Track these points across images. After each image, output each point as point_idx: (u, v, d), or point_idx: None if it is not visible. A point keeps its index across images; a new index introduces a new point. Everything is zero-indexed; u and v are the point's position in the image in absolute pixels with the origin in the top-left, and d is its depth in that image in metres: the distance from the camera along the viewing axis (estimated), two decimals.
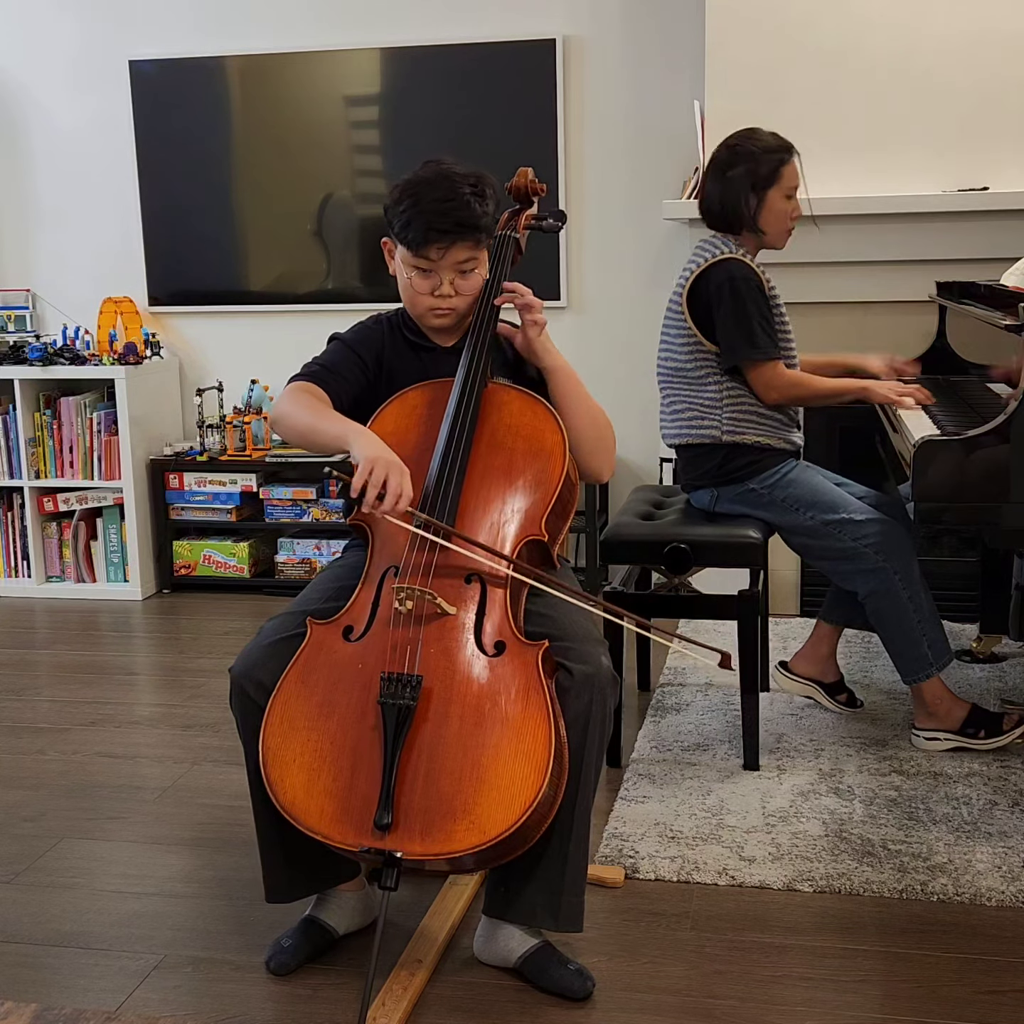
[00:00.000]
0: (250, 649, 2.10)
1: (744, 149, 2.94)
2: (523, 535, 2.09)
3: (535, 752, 1.90)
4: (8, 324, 4.89)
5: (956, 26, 3.78)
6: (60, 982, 2.13)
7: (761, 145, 2.94)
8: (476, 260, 2.19)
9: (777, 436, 3.00)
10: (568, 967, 2.06)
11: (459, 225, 2.13)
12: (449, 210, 2.12)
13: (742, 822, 2.64)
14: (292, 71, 4.55)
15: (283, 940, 2.18)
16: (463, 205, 2.12)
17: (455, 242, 2.14)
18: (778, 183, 2.93)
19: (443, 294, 2.19)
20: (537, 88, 4.39)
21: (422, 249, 2.15)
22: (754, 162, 2.92)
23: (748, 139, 2.96)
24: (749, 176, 2.92)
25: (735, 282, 2.88)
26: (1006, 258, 3.43)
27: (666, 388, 3.08)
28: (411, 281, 2.20)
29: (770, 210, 2.94)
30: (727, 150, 2.97)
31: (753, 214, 2.94)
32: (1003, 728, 2.93)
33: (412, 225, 2.14)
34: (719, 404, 2.97)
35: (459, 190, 2.13)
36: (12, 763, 3.08)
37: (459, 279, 2.19)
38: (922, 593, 2.88)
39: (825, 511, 2.91)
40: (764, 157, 2.92)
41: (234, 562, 4.65)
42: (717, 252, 2.93)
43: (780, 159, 2.93)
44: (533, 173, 2.44)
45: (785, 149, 2.95)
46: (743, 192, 2.93)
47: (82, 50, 4.74)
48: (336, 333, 2.34)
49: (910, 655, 2.90)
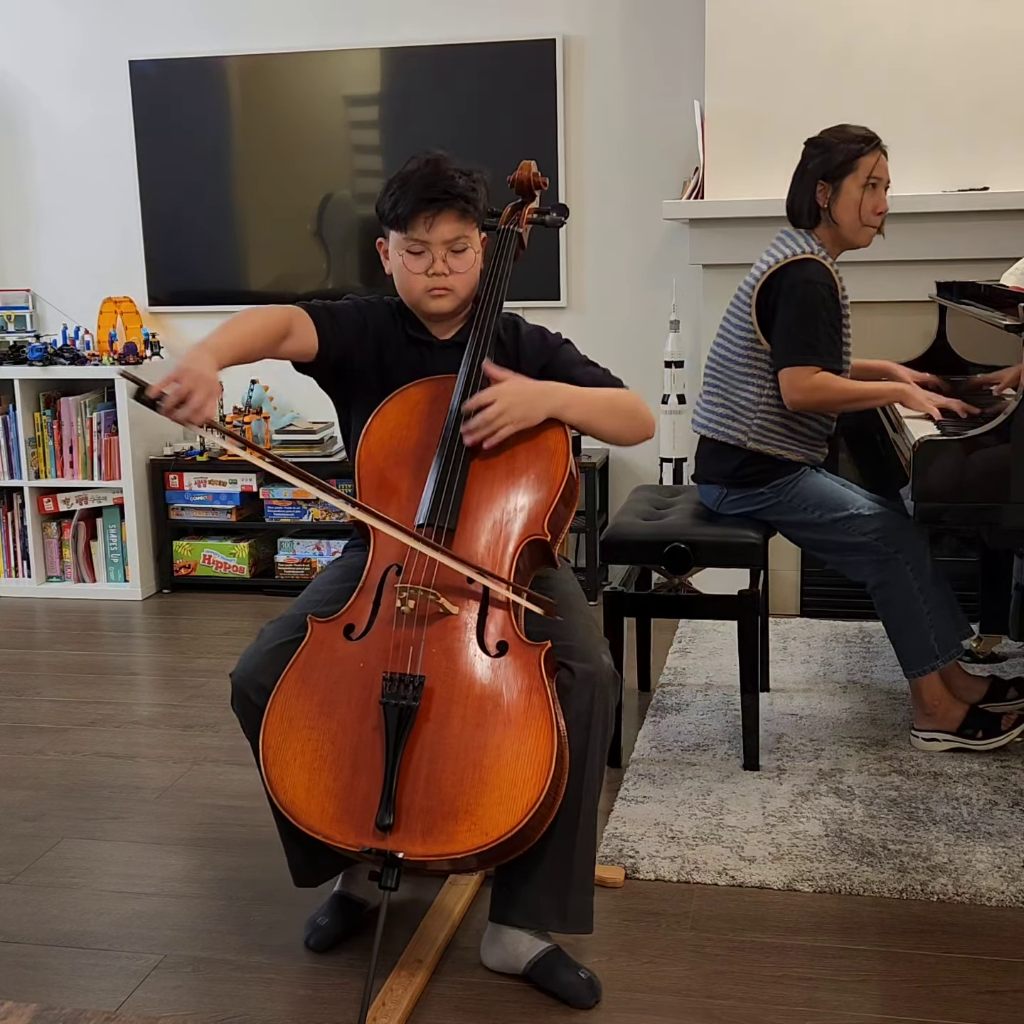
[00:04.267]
0: (251, 654, 2.10)
1: (821, 140, 2.93)
2: (525, 535, 2.09)
3: (537, 753, 1.90)
4: (8, 324, 4.89)
5: (956, 26, 3.78)
6: (60, 982, 2.12)
7: (840, 136, 2.92)
8: (467, 238, 2.18)
9: (799, 452, 2.98)
10: (579, 974, 2.04)
11: (445, 193, 2.13)
12: (435, 182, 2.14)
13: (742, 822, 2.64)
14: (292, 71, 4.55)
15: (318, 919, 2.23)
16: (449, 179, 2.15)
17: (441, 210, 2.14)
18: (854, 172, 2.88)
19: (437, 272, 2.17)
20: (537, 88, 4.39)
21: (411, 222, 2.15)
22: (830, 151, 2.89)
23: (829, 131, 2.94)
24: (823, 165, 2.89)
25: (812, 285, 2.83)
26: (1006, 258, 3.43)
27: (709, 377, 3.05)
28: (404, 263, 2.19)
29: (845, 200, 2.89)
30: (808, 144, 2.95)
31: (828, 205, 2.90)
32: (1001, 728, 2.93)
33: (399, 202, 2.15)
34: (753, 408, 2.95)
35: (445, 169, 2.16)
36: (12, 763, 3.08)
37: (451, 257, 2.17)
38: (932, 584, 2.86)
39: (834, 509, 2.91)
40: (840, 146, 2.89)
41: (234, 562, 4.65)
42: (797, 250, 2.88)
43: (858, 149, 2.88)
44: (536, 166, 2.43)
45: (865, 140, 2.90)
46: (818, 181, 2.90)
47: (82, 50, 4.74)
48: (350, 295, 2.33)
49: (915, 647, 2.89)
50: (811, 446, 3.01)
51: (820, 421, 3.01)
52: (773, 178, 3.86)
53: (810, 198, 2.92)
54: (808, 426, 2.98)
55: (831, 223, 2.92)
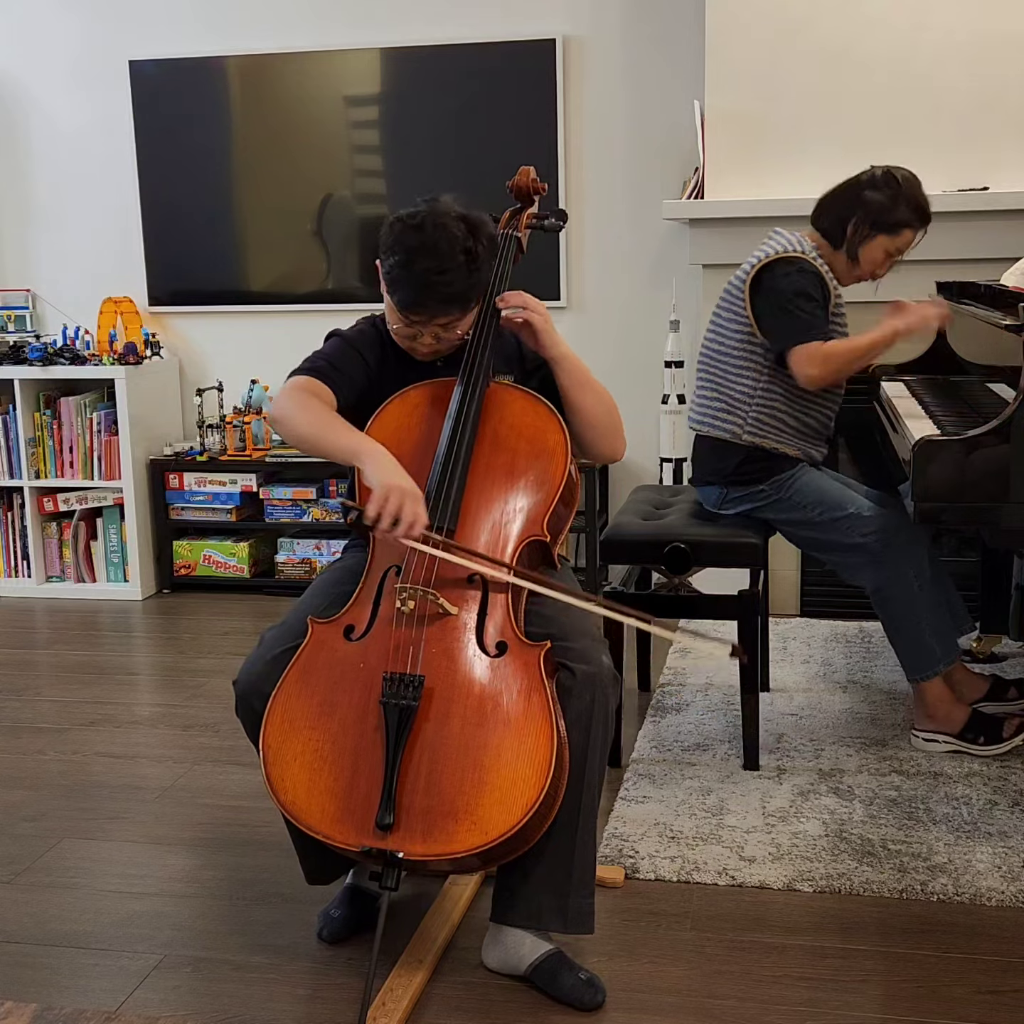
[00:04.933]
0: (253, 662, 2.09)
1: (896, 187, 2.89)
2: (525, 535, 2.09)
3: (536, 753, 1.90)
4: (8, 324, 4.89)
5: (956, 26, 3.78)
6: (60, 982, 2.12)
7: (909, 194, 2.89)
8: (461, 321, 2.18)
9: (796, 447, 2.98)
10: (579, 976, 2.04)
11: (442, 303, 2.12)
12: (435, 284, 2.09)
13: (742, 822, 2.64)
14: (292, 71, 4.55)
15: (331, 911, 2.24)
16: (453, 280, 2.09)
17: (439, 316, 2.14)
18: (893, 236, 2.90)
19: (424, 344, 2.20)
20: (537, 88, 4.39)
21: (404, 313, 2.15)
22: (893, 203, 2.88)
23: (906, 181, 2.91)
24: (878, 211, 2.88)
25: (803, 274, 2.85)
26: (1006, 258, 3.43)
27: (703, 372, 3.06)
28: (393, 324, 2.21)
29: (870, 251, 2.91)
30: (884, 174, 2.92)
31: (854, 240, 2.91)
32: (1003, 736, 2.92)
33: (399, 288, 2.12)
34: (749, 400, 2.96)
35: (453, 259, 2.08)
36: (12, 763, 3.08)
37: (442, 332, 2.18)
38: (930, 587, 2.87)
39: (833, 508, 2.92)
40: (903, 207, 2.88)
41: (234, 562, 4.65)
42: (788, 247, 2.89)
43: (914, 219, 2.90)
44: (535, 172, 2.44)
45: (921, 217, 2.91)
46: (860, 219, 2.89)
47: (82, 50, 4.74)
48: (336, 330, 2.33)
49: (916, 651, 2.89)
50: (808, 442, 3.01)
51: (818, 418, 3.01)
52: (773, 178, 3.87)
53: (844, 220, 2.91)
54: (804, 422, 2.98)
55: (844, 255, 2.93)
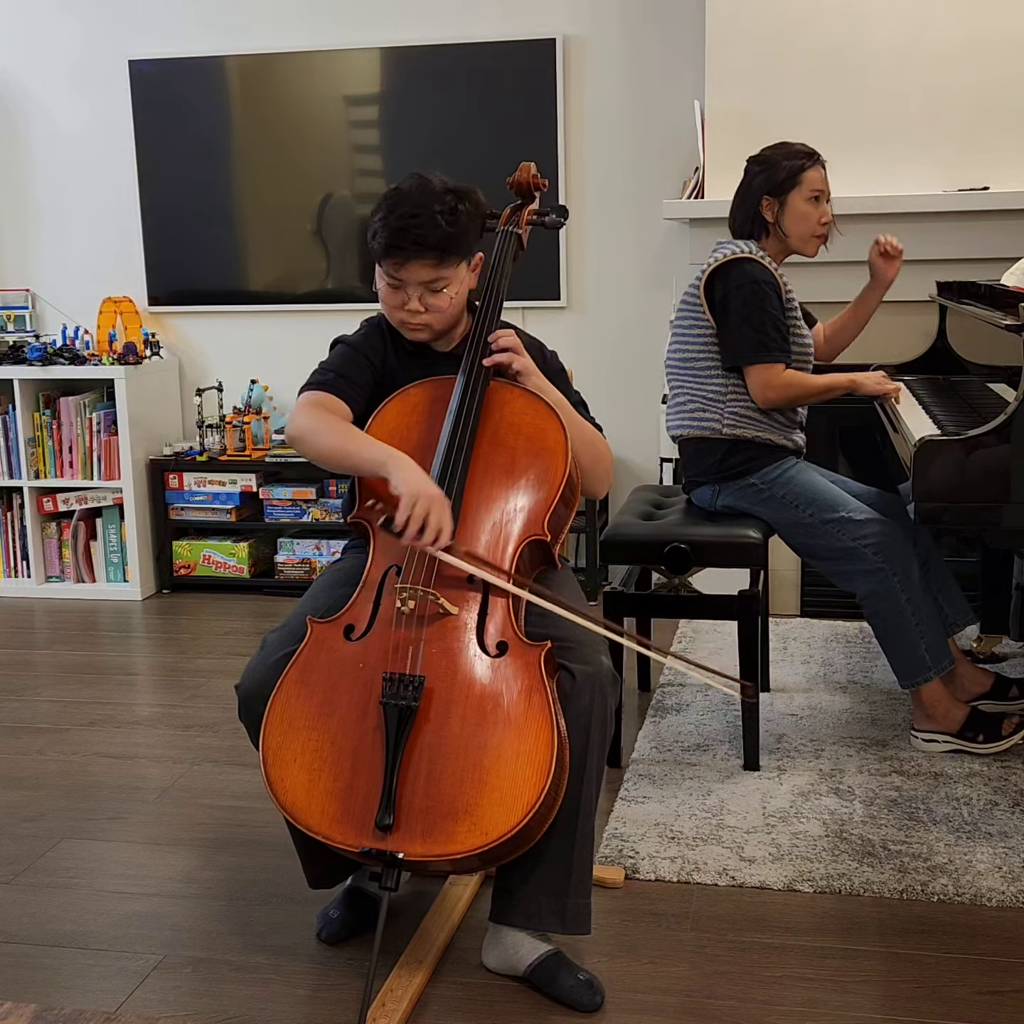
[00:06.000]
0: (255, 666, 2.09)
1: (765, 158, 3.04)
2: (525, 535, 2.09)
3: (537, 753, 1.89)
4: (8, 324, 4.89)
5: (956, 26, 3.78)
6: (60, 982, 2.12)
7: (782, 152, 3.02)
8: (445, 279, 2.16)
9: (778, 434, 3.01)
10: (578, 977, 2.04)
11: (416, 244, 2.10)
12: (410, 227, 2.09)
13: (742, 822, 2.64)
14: (292, 71, 4.55)
15: (330, 911, 2.24)
16: (425, 223, 2.09)
17: (410, 260, 2.12)
18: (799, 187, 2.99)
19: (411, 310, 2.18)
20: (537, 88, 4.39)
21: (384, 260, 2.15)
22: (773, 168, 3.00)
23: (771, 149, 3.05)
24: (768, 182, 3.00)
25: (754, 284, 2.91)
26: (1006, 258, 3.43)
27: (673, 380, 3.10)
28: (383, 292, 2.20)
29: (792, 213, 2.99)
30: (751, 162, 3.06)
31: (776, 219, 3.00)
32: (1002, 733, 2.92)
33: (376, 237, 2.14)
34: (722, 397, 2.99)
35: (428, 207, 2.10)
36: (12, 763, 3.08)
37: (428, 296, 2.17)
38: (921, 595, 2.87)
39: (824, 509, 2.92)
40: (784, 163, 3.00)
41: (234, 562, 4.64)
42: (736, 250, 2.96)
43: (800, 165, 2.99)
44: (535, 168, 2.43)
45: (807, 155, 3.02)
46: (763, 196, 3.00)
47: (82, 50, 4.74)
48: (341, 337, 2.33)
49: (907, 658, 2.90)
50: (784, 431, 3.03)
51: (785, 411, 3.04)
52: None
53: (755, 213, 3.01)
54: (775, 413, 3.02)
55: (780, 235, 3.02)
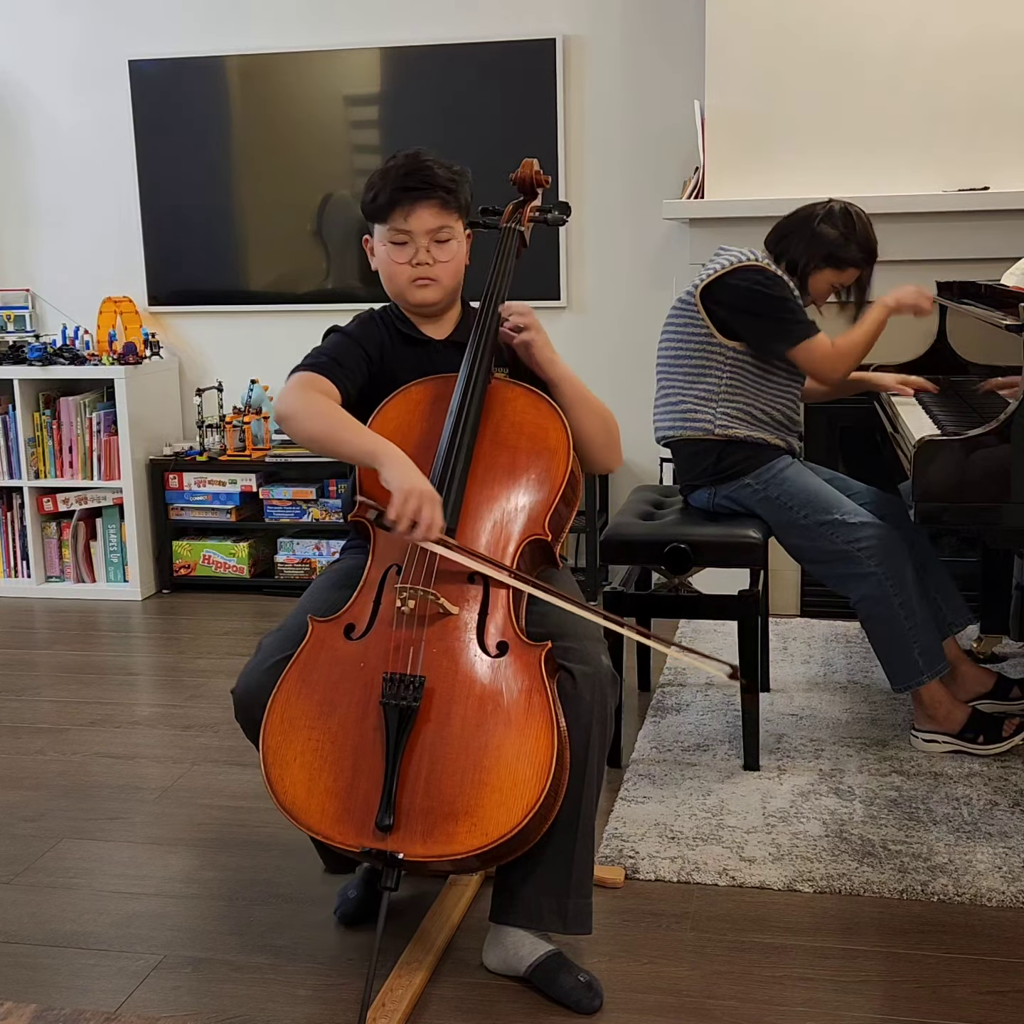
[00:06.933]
0: (250, 671, 2.09)
1: (850, 225, 2.97)
2: (526, 534, 2.09)
3: (537, 753, 1.89)
4: (8, 324, 4.89)
5: (956, 26, 3.78)
6: (59, 982, 2.12)
7: (863, 235, 2.98)
8: (450, 229, 2.19)
9: (771, 433, 3.02)
10: (579, 978, 2.03)
11: (423, 182, 2.15)
12: (412, 171, 2.17)
13: (742, 822, 2.64)
14: (292, 71, 4.55)
15: (348, 891, 2.28)
16: (427, 169, 2.17)
17: (419, 200, 2.15)
18: (839, 272, 2.99)
19: (421, 261, 2.19)
20: (537, 88, 4.39)
21: (391, 212, 2.17)
22: (844, 241, 2.96)
23: (859, 220, 2.99)
24: (829, 247, 2.96)
25: (769, 280, 2.92)
26: (1006, 258, 3.43)
27: (663, 379, 3.10)
28: (388, 254, 2.21)
29: (816, 283, 3.01)
30: (841, 210, 2.99)
31: (802, 271, 2.99)
32: (1003, 734, 2.92)
33: (380, 194, 2.17)
34: (715, 397, 2.99)
35: (424, 161, 2.18)
36: (12, 763, 3.08)
37: (435, 247, 2.19)
38: (916, 599, 2.87)
39: (819, 511, 2.92)
40: (853, 247, 2.97)
41: (234, 562, 4.64)
42: (743, 258, 2.95)
43: (863, 259, 2.98)
44: (538, 164, 2.43)
45: (869, 257, 2.99)
46: (812, 251, 2.97)
47: (82, 50, 4.73)
48: (336, 326, 2.33)
49: (900, 662, 2.90)
50: (779, 432, 3.04)
51: (782, 411, 3.04)
52: (773, 178, 3.87)
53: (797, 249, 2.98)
54: (770, 415, 3.02)
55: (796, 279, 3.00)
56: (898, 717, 3.19)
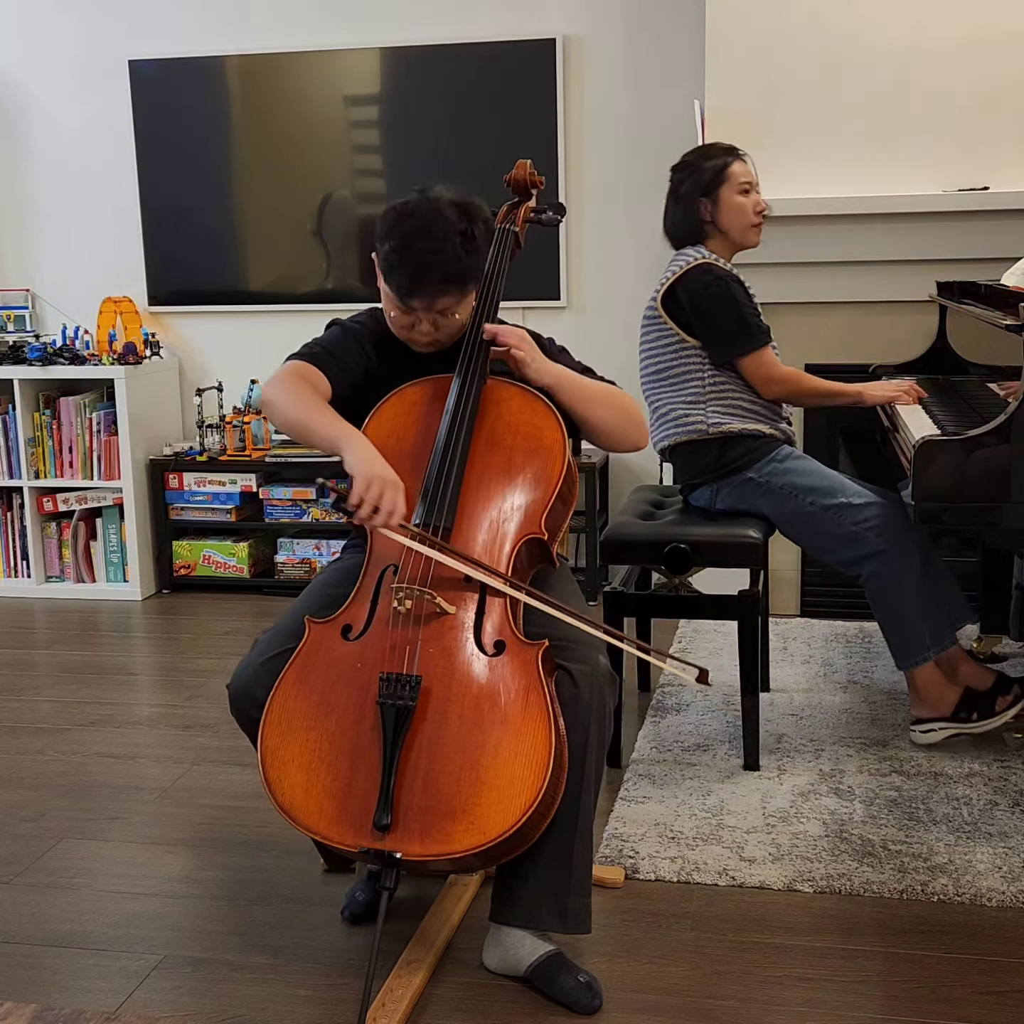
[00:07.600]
0: (244, 666, 2.10)
1: (686, 163, 3.11)
2: (522, 533, 2.09)
3: (535, 752, 1.89)
4: (8, 324, 4.89)
5: (956, 26, 3.78)
6: (59, 982, 2.12)
7: (702, 154, 3.10)
8: (459, 305, 2.17)
9: (765, 424, 3.04)
10: (579, 978, 2.03)
11: (443, 282, 2.10)
12: (434, 264, 2.07)
13: (742, 822, 2.64)
14: (292, 71, 4.55)
15: (356, 893, 2.28)
16: (450, 259, 2.08)
17: (437, 297, 2.12)
18: (727, 182, 3.05)
19: (422, 331, 2.19)
20: (537, 88, 4.38)
21: (404, 300, 2.14)
22: (698, 171, 3.07)
23: (690, 154, 3.13)
24: (697, 184, 3.06)
25: (718, 281, 2.97)
26: (1006, 258, 3.43)
27: (650, 394, 3.14)
28: (391, 314, 2.20)
29: (727, 208, 3.05)
30: (673, 171, 3.13)
31: (712, 218, 3.05)
32: (996, 709, 2.93)
33: (397, 273, 2.11)
34: (703, 399, 3.02)
35: (448, 240, 2.07)
36: (12, 763, 3.08)
37: (439, 318, 2.17)
38: (921, 576, 2.88)
39: (824, 496, 2.93)
40: (706, 164, 3.07)
41: (234, 562, 4.64)
42: (691, 259, 3.01)
43: (723, 162, 3.07)
44: (532, 165, 2.43)
45: (727, 151, 3.10)
46: (696, 200, 3.05)
47: (82, 50, 4.74)
48: (337, 319, 2.33)
49: (907, 637, 2.90)
50: (771, 421, 3.05)
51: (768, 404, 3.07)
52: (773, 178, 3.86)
53: (692, 218, 3.06)
54: (759, 403, 3.05)
55: (720, 233, 3.07)
56: (898, 717, 3.19)
